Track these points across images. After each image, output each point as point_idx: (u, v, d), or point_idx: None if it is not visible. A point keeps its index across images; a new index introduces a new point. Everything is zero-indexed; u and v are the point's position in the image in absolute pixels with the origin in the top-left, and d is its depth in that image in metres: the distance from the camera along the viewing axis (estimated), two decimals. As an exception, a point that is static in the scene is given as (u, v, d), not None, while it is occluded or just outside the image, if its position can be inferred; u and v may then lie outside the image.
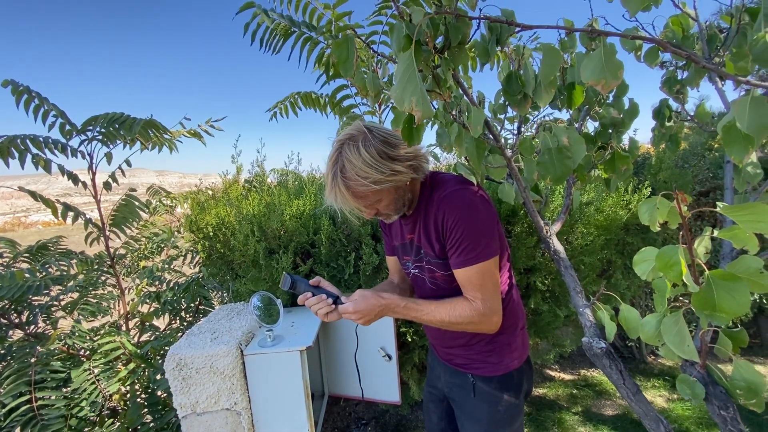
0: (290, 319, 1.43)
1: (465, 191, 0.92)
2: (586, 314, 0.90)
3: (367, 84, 0.92)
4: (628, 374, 0.82)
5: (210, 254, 1.68)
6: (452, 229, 0.91)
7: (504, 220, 1.74)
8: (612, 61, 0.54)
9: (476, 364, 1.03)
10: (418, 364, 1.90)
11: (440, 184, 0.97)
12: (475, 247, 0.89)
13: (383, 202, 0.94)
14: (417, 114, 0.53)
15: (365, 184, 0.87)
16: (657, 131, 1.21)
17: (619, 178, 1.07)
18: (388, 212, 0.97)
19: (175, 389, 1.18)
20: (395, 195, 0.94)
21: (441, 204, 0.93)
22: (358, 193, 0.89)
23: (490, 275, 0.92)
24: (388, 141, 0.89)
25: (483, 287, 0.91)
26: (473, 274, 0.91)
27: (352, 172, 0.87)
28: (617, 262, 2.04)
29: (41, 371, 2.10)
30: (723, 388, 0.69)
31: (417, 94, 0.52)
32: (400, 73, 0.53)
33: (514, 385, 1.02)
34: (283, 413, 1.24)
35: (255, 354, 1.19)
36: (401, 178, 0.89)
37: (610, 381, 0.83)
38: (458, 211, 0.90)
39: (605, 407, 2.41)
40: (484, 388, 1.02)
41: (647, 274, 0.70)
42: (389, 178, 0.87)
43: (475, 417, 1.05)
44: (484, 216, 0.91)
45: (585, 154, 0.88)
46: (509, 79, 0.89)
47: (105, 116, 2.22)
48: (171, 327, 2.63)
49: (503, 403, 1.01)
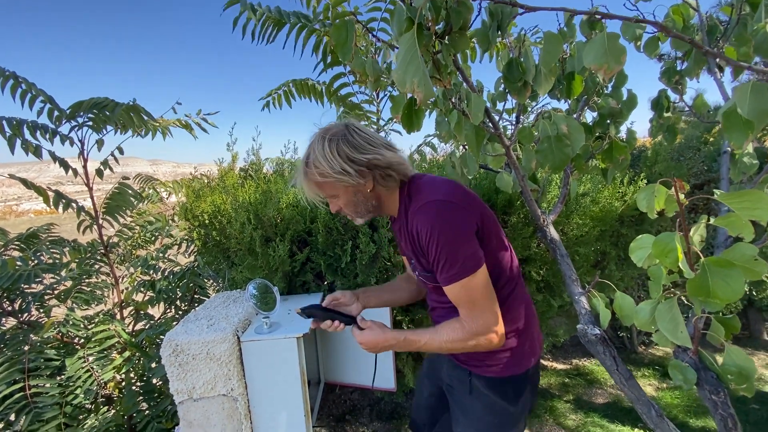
0: (287, 306, 1.43)
1: (435, 205, 0.88)
2: (582, 302, 0.91)
3: (366, 69, 0.91)
4: (621, 361, 0.83)
5: (205, 242, 1.67)
6: (428, 248, 0.88)
7: (500, 210, 1.74)
8: (614, 46, 0.53)
9: (475, 362, 1.00)
10: (413, 353, 1.91)
11: (415, 195, 0.95)
12: (454, 264, 0.86)
13: (340, 200, 0.97)
14: (419, 95, 0.52)
15: (315, 174, 0.92)
16: (655, 122, 1.22)
17: (617, 168, 1.08)
18: (348, 212, 1.00)
19: (172, 375, 1.18)
20: (353, 197, 0.96)
21: (413, 220, 0.91)
22: (313, 181, 0.94)
23: (479, 288, 0.87)
24: (355, 143, 0.91)
25: (472, 302, 0.88)
26: (459, 290, 0.88)
27: (311, 159, 0.93)
28: (611, 253, 2.06)
29: (35, 359, 2.09)
30: (714, 373, 0.71)
31: (419, 75, 0.51)
32: (401, 54, 0.53)
33: (511, 391, 0.98)
34: (280, 400, 1.24)
35: (251, 341, 1.20)
36: (350, 180, 0.91)
37: (604, 367, 0.84)
38: (429, 228, 0.86)
39: (596, 396, 2.46)
40: (479, 388, 1.00)
41: (643, 261, 0.70)
42: (336, 176, 0.90)
43: (468, 414, 1.03)
44: (459, 228, 0.87)
45: (583, 144, 0.88)
46: (510, 66, 0.88)
47: (89, 101, 2.17)
48: (166, 316, 2.63)
49: (497, 407, 0.98)
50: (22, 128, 2.09)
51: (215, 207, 1.58)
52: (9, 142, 2.09)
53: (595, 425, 2.15)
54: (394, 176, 0.94)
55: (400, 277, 1.31)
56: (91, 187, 2.42)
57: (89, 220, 2.42)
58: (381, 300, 1.23)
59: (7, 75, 1.96)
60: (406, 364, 1.93)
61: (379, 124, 2.15)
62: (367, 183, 0.93)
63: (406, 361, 1.92)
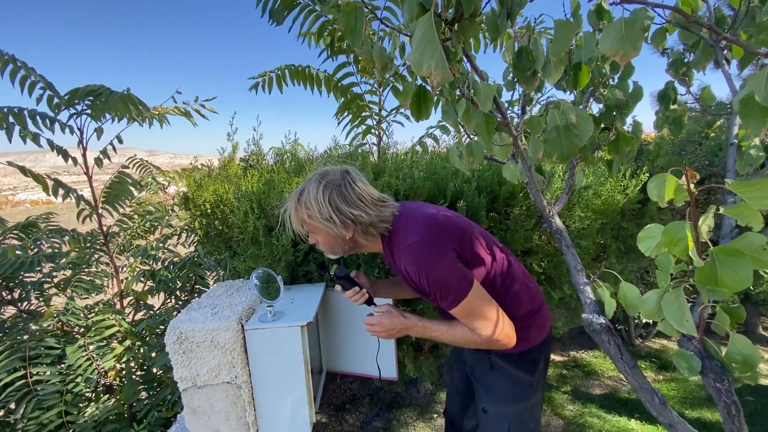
0: (290, 296, 1.43)
1: (414, 248, 0.96)
2: (587, 291, 0.91)
3: (374, 56, 0.90)
4: (625, 349, 0.84)
5: (207, 232, 1.67)
6: (421, 284, 0.96)
7: (503, 202, 1.74)
8: (632, 32, 0.53)
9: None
10: (414, 343, 1.93)
11: (396, 239, 1.03)
12: (448, 293, 0.93)
13: (318, 237, 1.07)
14: (435, 78, 0.52)
15: (303, 212, 1.02)
16: (661, 114, 1.21)
17: (623, 159, 1.08)
18: (323, 249, 1.11)
19: (176, 362, 1.18)
20: (331, 240, 1.06)
21: (400, 261, 1.00)
22: (299, 215, 1.04)
23: (478, 304, 0.95)
24: (347, 197, 1.00)
25: (473, 318, 0.95)
26: (459, 312, 0.95)
27: (303, 198, 1.03)
28: (612, 246, 2.07)
29: (35, 347, 2.10)
30: (719, 362, 0.72)
31: (436, 57, 0.51)
32: (418, 36, 0.52)
33: (528, 363, 1.07)
34: (283, 387, 1.25)
35: (256, 329, 1.20)
36: (333, 228, 1.01)
37: (608, 355, 0.85)
38: (416, 269, 0.95)
39: (593, 387, 2.49)
40: (499, 362, 1.08)
41: (651, 250, 0.71)
42: (322, 220, 0.99)
43: (490, 388, 1.12)
44: (441, 262, 0.94)
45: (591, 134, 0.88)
46: (520, 54, 0.87)
47: (85, 89, 2.14)
48: (166, 306, 2.63)
49: (517, 379, 1.07)
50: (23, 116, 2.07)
51: (217, 196, 1.57)
52: (7, 131, 2.07)
53: (592, 415, 2.18)
54: (373, 232, 1.04)
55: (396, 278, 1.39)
56: (90, 176, 2.40)
57: (89, 210, 2.41)
58: (389, 291, 1.33)
59: (6, 59, 1.93)
60: (406, 354, 1.94)
61: (382, 115, 2.13)
62: (347, 233, 1.03)
63: (406, 351, 1.93)
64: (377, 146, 2.25)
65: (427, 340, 1.92)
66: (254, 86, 2.13)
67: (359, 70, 2.06)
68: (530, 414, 1.12)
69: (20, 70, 2.08)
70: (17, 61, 2.05)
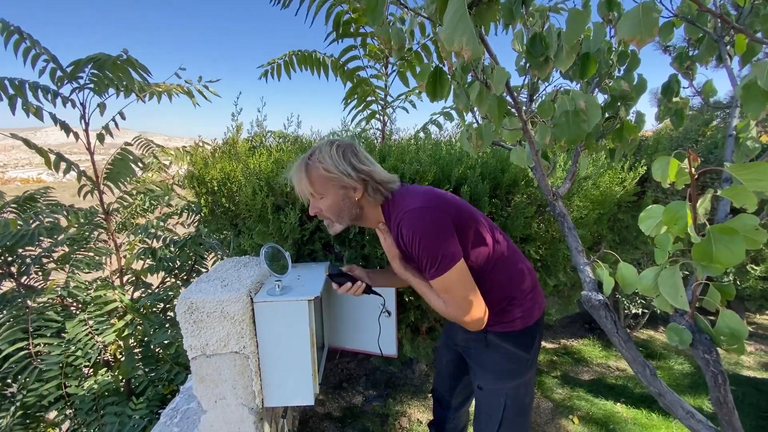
0: (296, 272, 1.46)
1: (413, 213, 1.00)
2: (586, 271, 0.96)
3: (392, 36, 0.92)
4: (621, 325, 0.89)
5: (213, 209, 1.69)
6: (412, 250, 1.01)
7: (504, 189, 1.78)
8: (649, 18, 0.56)
9: (491, 322, 1.10)
10: (412, 324, 1.98)
11: (395, 207, 1.07)
12: (434, 262, 0.98)
13: (327, 200, 1.08)
14: (467, 53, 0.55)
15: (318, 168, 1.04)
16: (663, 106, 1.25)
17: (625, 147, 1.12)
18: (328, 216, 1.12)
19: (186, 332, 1.22)
20: (339, 200, 1.08)
21: (399, 228, 1.04)
22: (310, 175, 1.06)
23: (456, 281, 0.99)
24: (360, 156, 1.07)
25: (449, 293, 1.00)
26: (438, 285, 1.01)
27: (315, 157, 1.06)
28: (607, 237, 2.14)
29: (36, 319, 2.11)
30: (708, 335, 0.77)
31: (468, 33, 0.53)
32: (450, 13, 0.54)
33: (526, 340, 1.12)
34: (289, 359, 1.30)
35: (264, 301, 1.24)
36: (348, 182, 1.05)
37: (605, 330, 0.90)
38: (411, 234, 0.99)
39: (582, 373, 2.58)
40: (495, 341, 1.12)
41: (652, 229, 0.75)
42: (337, 173, 1.03)
43: (487, 365, 1.16)
44: (436, 230, 0.98)
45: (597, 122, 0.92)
46: (534, 40, 0.90)
47: (87, 58, 2.11)
48: (165, 284, 2.65)
49: (514, 356, 1.11)
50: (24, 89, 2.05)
51: (225, 174, 1.59)
52: (10, 102, 2.05)
53: (580, 399, 2.27)
54: (382, 191, 1.08)
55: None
56: (92, 151, 2.39)
57: (90, 185, 2.41)
58: (387, 281, 1.38)
59: (12, 30, 1.90)
60: (404, 335, 2.00)
61: (387, 100, 2.15)
62: (357, 193, 1.07)
63: (404, 332, 1.99)
64: (381, 131, 2.27)
65: (425, 321, 1.98)
66: (264, 74, 2.16)
67: (366, 54, 2.06)
68: (525, 389, 1.18)
69: (24, 41, 2.05)
70: (22, 32, 2.02)
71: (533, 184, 1.80)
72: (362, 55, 2.05)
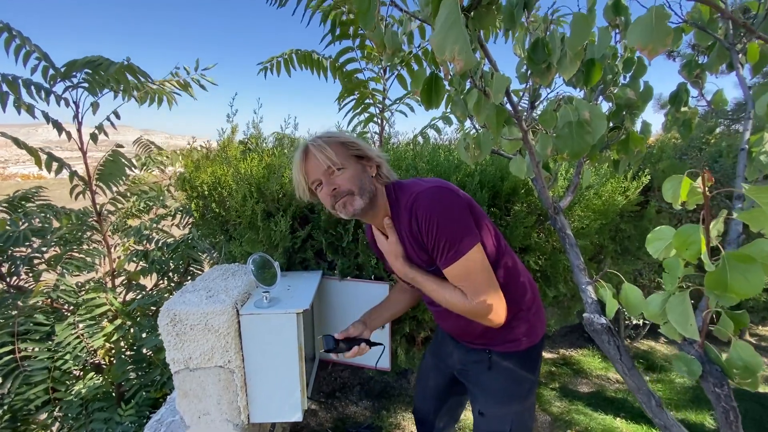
0: (286, 282, 1.41)
1: (429, 191, 0.93)
2: (588, 291, 0.91)
3: (386, 40, 0.87)
4: (625, 350, 0.83)
5: (203, 214, 1.64)
6: (428, 232, 0.92)
7: (504, 198, 1.73)
8: (662, 26, 0.51)
9: (495, 341, 1.04)
10: (408, 334, 1.93)
11: (402, 194, 1.01)
12: (453, 243, 0.89)
13: (347, 172, 0.98)
14: (458, 64, 0.50)
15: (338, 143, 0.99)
16: (671, 116, 1.20)
17: (630, 159, 1.06)
18: (349, 186, 0.97)
19: (168, 344, 1.16)
20: (361, 172, 1.00)
21: (410, 210, 0.95)
22: (331, 145, 0.98)
23: (478, 265, 0.91)
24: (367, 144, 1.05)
25: (469, 279, 0.92)
26: (458, 270, 0.92)
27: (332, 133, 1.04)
28: (609, 247, 2.08)
29: (24, 323, 2.07)
30: (719, 366, 0.71)
31: (460, 41, 0.48)
32: (442, 18, 0.49)
33: (531, 360, 1.05)
34: (276, 373, 1.24)
35: (251, 314, 1.18)
36: (369, 155, 1.02)
37: (607, 356, 0.85)
38: (429, 212, 0.91)
39: (581, 385, 2.52)
40: (500, 363, 1.05)
41: (660, 252, 0.70)
42: (360, 145, 1.01)
43: (489, 389, 1.08)
44: (454, 208, 0.92)
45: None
46: (535, 46, 0.85)
47: (83, 60, 2.08)
48: (158, 287, 2.60)
49: (520, 378, 1.04)
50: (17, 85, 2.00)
51: (215, 178, 1.54)
52: (1, 99, 2.01)
53: (579, 413, 2.21)
54: (385, 174, 1.05)
55: (394, 290, 1.38)
56: (85, 151, 2.35)
57: (82, 186, 2.36)
58: (384, 319, 1.32)
59: (2, 27, 1.86)
60: (399, 345, 1.95)
61: (385, 103, 2.10)
62: (373, 168, 1.03)
63: (399, 342, 1.93)
64: (379, 135, 2.22)
65: (421, 332, 1.93)
66: (263, 70, 2.10)
67: (363, 56, 2.01)
68: (529, 413, 1.11)
69: (15, 38, 2.01)
70: (12, 29, 1.98)
71: (533, 193, 1.75)
72: (360, 58, 2.00)
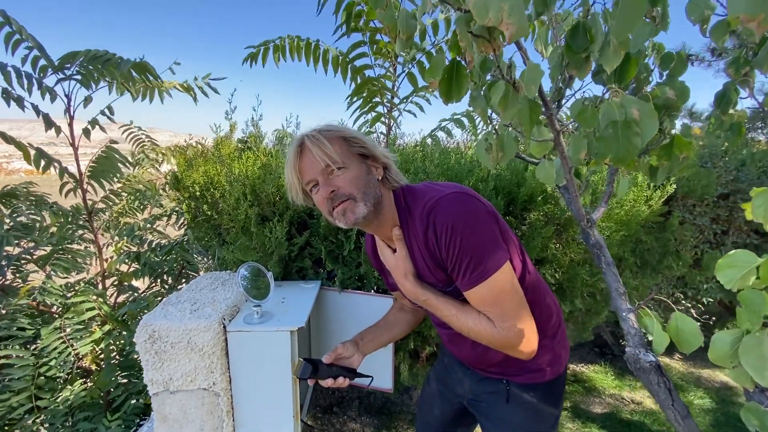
0: (281, 294, 1.29)
1: (450, 198, 0.79)
2: (630, 320, 0.78)
3: (399, 23, 0.74)
4: (677, 394, 0.70)
5: (195, 216, 1.52)
6: (449, 246, 0.77)
7: (520, 206, 1.60)
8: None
9: (514, 370, 0.91)
10: (411, 350, 1.80)
11: (415, 201, 0.87)
12: (480, 261, 0.75)
13: (349, 173, 0.84)
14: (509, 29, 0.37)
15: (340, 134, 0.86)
16: (714, 119, 1.07)
17: (675, 167, 0.93)
18: (351, 190, 0.83)
19: (146, 363, 1.04)
20: (365, 173, 0.86)
21: (425, 219, 0.80)
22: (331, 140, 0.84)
23: (508, 287, 0.77)
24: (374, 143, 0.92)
25: (498, 305, 0.77)
26: (484, 294, 0.77)
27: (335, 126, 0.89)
28: (629, 260, 1.94)
29: (7, 327, 1.97)
30: (803, 424, 0.58)
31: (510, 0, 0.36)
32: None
33: (555, 392, 0.92)
34: (267, 397, 1.12)
35: (239, 331, 1.06)
36: (375, 154, 0.88)
37: (656, 400, 0.72)
38: (451, 223, 0.76)
39: (594, 404, 2.37)
40: (520, 395, 0.91)
41: (734, 282, 0.57)
42: (364, 141, 0.87)
43: (507, 425, 0.94)
44: (481, 220, 0.77)
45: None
46: (575, 32, 0.72)
47: (87, 53, 1.97)
48: (151, 290, 2.49)
49: (544, 413, 0.91)
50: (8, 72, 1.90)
51: (208, 178, 1.42)
52: (-10, 89, 1.91)
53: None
54: (393, 178, 0.91)
55: (392, 309, 1.22)
56: (76, 147, 2.24)
57: (73, 183, 2.25)
58: (380, 343, 1.14)
59: (-7, 14, 1.75)
60: (402, 361, 1.82)
61: (394, 102, 1.98)
62: (379, 170, 0.89)
63: (403, 358, 1.81)
64: (386, 136, 2.09)
65: (426, 347, 1.79)
66: (249, 56, 1.89)
67: (374, 52, 1.89)
68: None
69: (5, 25, 1.90)
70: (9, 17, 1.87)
71: (551, 201, 1.62)
72: (371, 53, 1.87)
